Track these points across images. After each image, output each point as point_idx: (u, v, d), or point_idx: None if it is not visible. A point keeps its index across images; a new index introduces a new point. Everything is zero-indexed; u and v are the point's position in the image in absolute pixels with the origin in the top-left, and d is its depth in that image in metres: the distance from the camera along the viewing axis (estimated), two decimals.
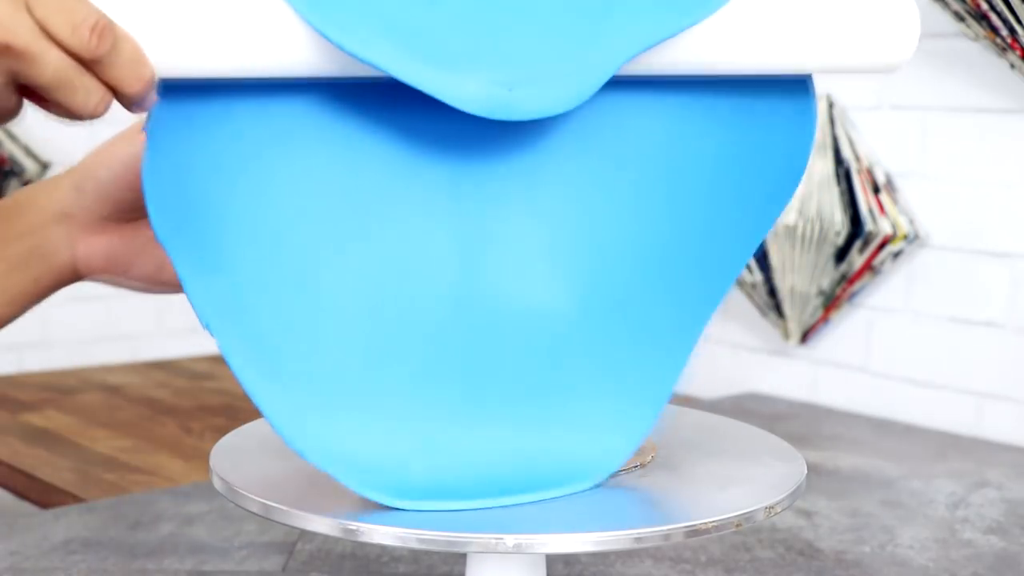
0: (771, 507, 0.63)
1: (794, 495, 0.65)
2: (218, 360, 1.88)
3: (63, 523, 1.03)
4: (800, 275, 1.54)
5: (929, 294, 1.52)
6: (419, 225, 0.62)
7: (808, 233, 1.50)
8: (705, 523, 0.60)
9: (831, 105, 1.57)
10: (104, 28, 0.55)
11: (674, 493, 0.65)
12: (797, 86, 0.67)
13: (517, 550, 0.57)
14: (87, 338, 2.36)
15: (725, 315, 1.74)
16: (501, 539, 0.57)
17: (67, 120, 0.59)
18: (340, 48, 0.57)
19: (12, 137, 2.16)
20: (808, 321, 1.60)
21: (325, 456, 0.61)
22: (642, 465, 0.68)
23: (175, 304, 2.49)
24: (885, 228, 1.48)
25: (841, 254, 1.52)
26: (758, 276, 1.59)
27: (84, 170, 0.73)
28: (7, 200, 0.73)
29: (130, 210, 0.73)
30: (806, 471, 0.68)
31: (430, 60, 0.58)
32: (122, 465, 1.30)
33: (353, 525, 0.59)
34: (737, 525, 0.61)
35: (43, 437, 1.42)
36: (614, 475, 0.66)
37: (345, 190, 0.61)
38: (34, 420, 1.50)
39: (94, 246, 0.73)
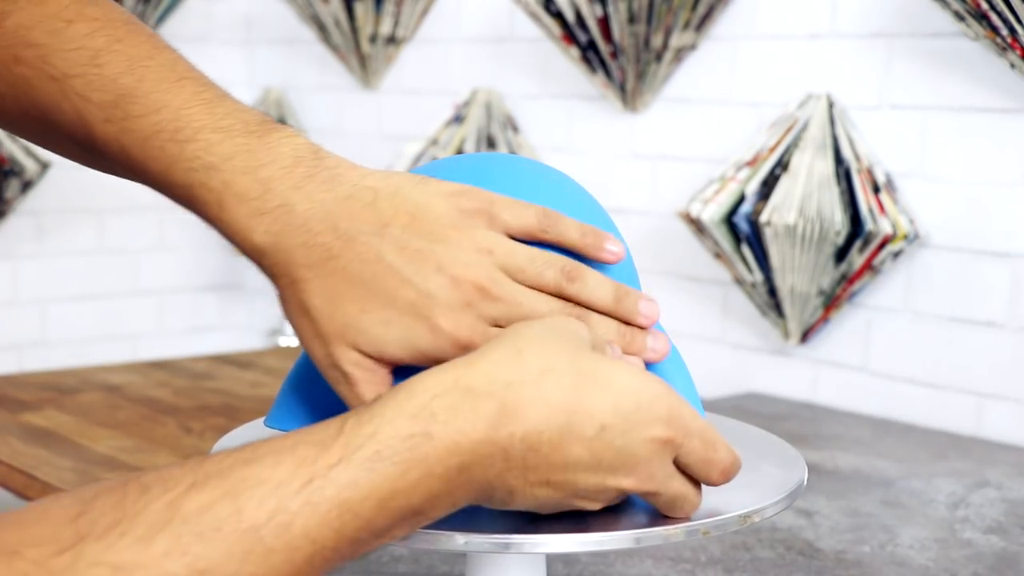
0: (771, 507, 0.63)
1: (794, 495, 0.65)
2: (218, 360, 1.88)
3: None
4: (800, 275, 1.54)
5: (929, 294, 1.52)
6: None
7: (808, 233, 1.50)
8: (704, 523, 0.60)
9: (831, 105, 1.57)
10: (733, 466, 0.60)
11: None
12: None
13: (517, 550, 0.57)
14: (87, 338, 2.37)
15: (725, 315, 1.74)
16: (501, 539, 0.57)
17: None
18: None
19: (12, 137, 2.16)
20: (808, 321, 1.60)
21: None
22: None
23: (175, 304, 2.49)
24: (885, 228, 1.48)
25: (841, 254, 1.52)
26: (758, 276, 1.59)
27: None
28: None
29: None
30: (806, 471, 0.68)
31: None
32: (122, 465, 1.30)
33: None
34: (737, 525, 0.61)
35: (43, 437, 1.42)
36: None
37: None
38: (34, 420, 1.50)
39: None
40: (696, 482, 0.60)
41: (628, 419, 0.55)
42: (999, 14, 1.30)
